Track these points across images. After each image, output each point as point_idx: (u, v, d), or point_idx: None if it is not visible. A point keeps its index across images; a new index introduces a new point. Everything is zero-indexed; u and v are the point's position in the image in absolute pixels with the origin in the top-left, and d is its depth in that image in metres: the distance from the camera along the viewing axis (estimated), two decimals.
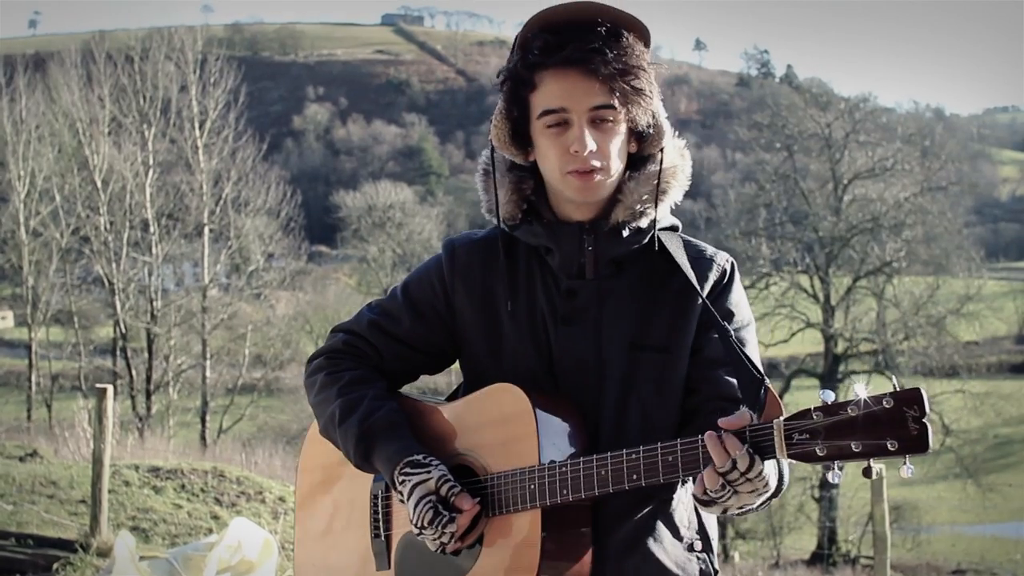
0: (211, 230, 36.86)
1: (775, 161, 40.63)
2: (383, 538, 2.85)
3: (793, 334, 36.89)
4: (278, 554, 7.87)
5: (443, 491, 2.61)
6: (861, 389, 2.24)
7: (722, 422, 2.34)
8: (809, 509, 33.40)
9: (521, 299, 2.77)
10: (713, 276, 2.73)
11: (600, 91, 2.57)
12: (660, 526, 2.70)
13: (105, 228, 34.69)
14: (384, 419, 2.75)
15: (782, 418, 2.30)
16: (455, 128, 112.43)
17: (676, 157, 2.75)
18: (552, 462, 2.55)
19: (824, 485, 29.97)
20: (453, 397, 2.95)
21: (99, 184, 34.68)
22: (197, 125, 36.04)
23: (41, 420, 33.64)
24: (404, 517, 2.77)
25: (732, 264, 2.79)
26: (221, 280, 39.69)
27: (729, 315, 2.71)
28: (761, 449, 2.32)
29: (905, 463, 2.21)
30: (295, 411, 40.97)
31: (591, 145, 2.58)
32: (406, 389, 2.98)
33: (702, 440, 2.36)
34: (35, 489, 11.23)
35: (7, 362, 51.29)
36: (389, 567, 2.83)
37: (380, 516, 2.87)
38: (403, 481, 2.64)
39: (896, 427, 2.19)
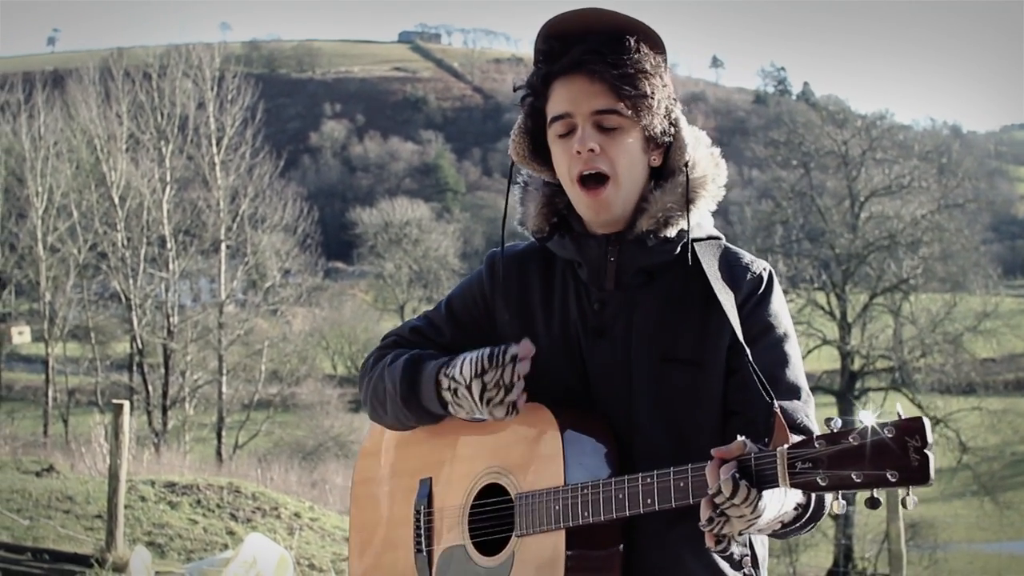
0: (228, 246, 37.00)
1: (792, 178, 40.59)
2: (425, 554, 2.86)
3: (810, 351, 36.79)
4: (293, 570, 7.88)
5: (491, 347, 2.64)
6: (867, 416, 2.16)
7: (716, 452, 2.30)
8: (825, 526, 33.25)
9: (556, 312, 2.75)
10: (747, 286, 2.66)
11: (603, 95, 2.56)
12: (703, 545, 2.58)
13: (122, 244, 34.85)
14: (434, 354, 2.80)
15: (786, 446, 2.23)
16: (472, 145, 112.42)
17: (709, 166, 2.70)
18: (576, 483, 2.54)
19: None
20: None
21: (116, 200, 34.85)
22: (214, 142, 36.19)
23: (58, 435, 33.74)
24: (445, 532, 2.81)
25: (770, 272, 2.71)
26: (238, 296, 39.85)
27: (767, 327, 2.65)
28: (764, 477, 2.25)
29: (908, 494, 2.12)
30: (311, 427, 41.08)
31: (591, 143, 2.55)
32: None
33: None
34: (51, 504, 11.27)
35: (24, 377, 51.44)
36: None
37: (423, 532, 2.87)
38: (454, 364, 2.67)
39: (897, 457, 2.11)
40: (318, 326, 51.10)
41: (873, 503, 2.16)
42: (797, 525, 2.53)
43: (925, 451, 2.10)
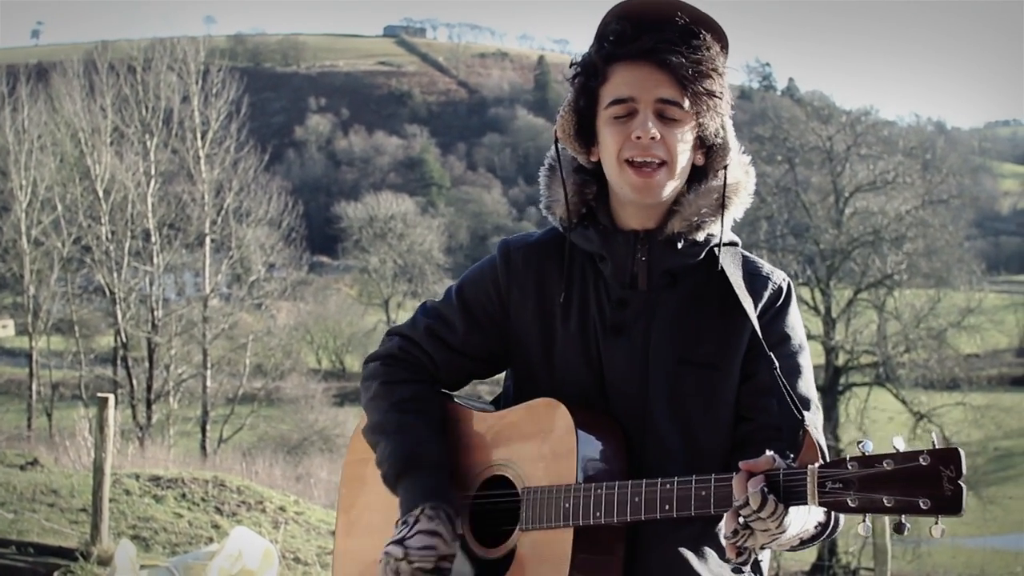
0: (212, 240, 36.89)
1: (776, 174, 40.63)
2: None
3: None
4: (278, 563, 7.87)
5: (447, 561, 2.64)
6: (899, 442, 2.18)
7: (744, 464, 2.30)
8: None
9: (574, 307, 2.73)
10: (767, 296, 2.69)
11: (670, 85, 2.54)
12: (706, 547, 2.66)
13: (106, 238, 34.73)
14: (435, 454, 2.76)
15: (817, 465, 2.25)
16: (456, 139, 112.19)
17: (740, 173, 2.72)
18: (589, 483, 2.54)
19: None
20: (498, 403, 2.95)
21: (101, 194, 34.71)
22: (199, 135, 36.07)
23: (42, 429, 33.61)
24: None
25: (789, 284, 2.75)
26: (222, 290, 39.76)
27: (784, 338, 2.67)
28: (793, 494, 2.26)
29: (937, 523, 2.14)
30: (295, 421, 41.04)
31: (653, 131, 2.54)
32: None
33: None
34: (36, 497, 11.24)
35: (8, 371, 51.29)
36: None
37: None
38: (431, 517, 2.65)
39: (930, 486, 2.13)
40: (303, 320, 51.08)
41: (899, 528, 2.18)
42: (813, 543, 2.55)
43: (959, 482, 2.11)
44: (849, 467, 2.20)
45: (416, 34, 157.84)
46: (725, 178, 2.68)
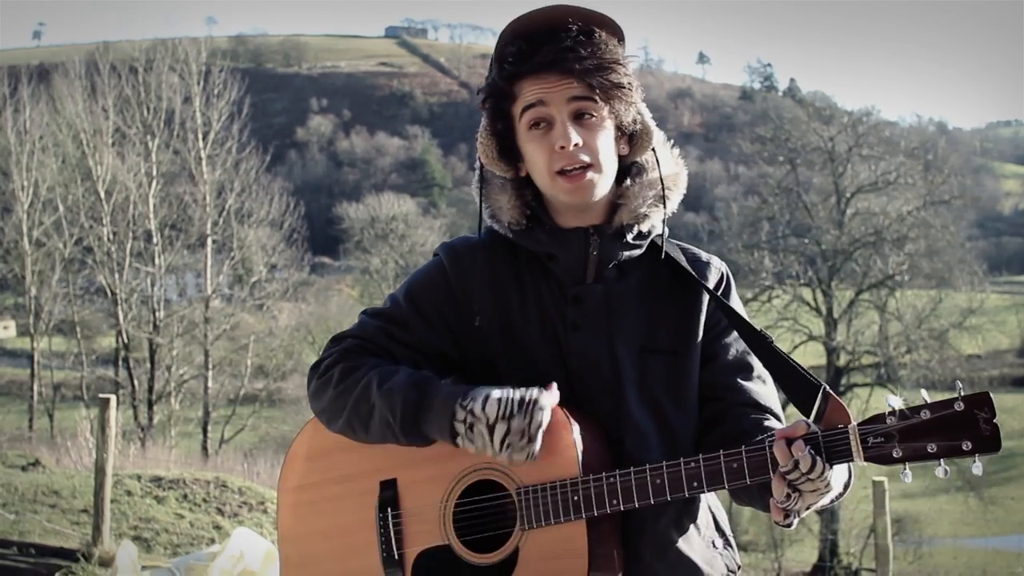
0: (214, 241, 36.90)
1: (778, 174, 40.64)
2: (397, 557, 2.71)
3: (795, 347, 36.70)
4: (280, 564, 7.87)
5: (521, 391, 2.52)
6: (927, 395, 2.36)
7: (780, 432, 2.39)
8: (811, 521, 33.23)
9: (531, 306, 2.73)
10: (713, 280, 2.76)
11: (578, 86, 2.57)
12: (687, 526, 2.71)
13: (108, 239, 34.74)
14: (432, 374, 2.65)
15: (855, 422, 2.39)
16: (458, 140, 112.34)
17: (673, 165, 2.77)
18: (599, 473, 2.53)
19: None
20: None
21: (102, 195, 34.73)
22: (200, 136, 36.08)
23: (43, 430, 33.64)
24: (419, 534, 2.69)
25: (727, 268, 2.82)
26: (223, 291, 39.70)
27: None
28: (836, 453, 2.38)
29: (975, 462, 2.33)
30: (297, 422, 40.94)
31: (575, 138, 2.57)
32: None
33: (769, 444, 2.41)
34: (37, 498, 11.24)
35: (9, 371, 51.31)
36: None
37: (391, 535, 2.72)
38: (474, 397, 2.53)
39: (969, 428, 2.33)
40: (304, 321, 50.97)
41: (944, 472, 2.36)
42: (838, 500, 2.61)
43: (995, 421, 2.35)
44: (888, 421, 2.36)
45: (417, 35, 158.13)
46: (660, 168, 2.73)
